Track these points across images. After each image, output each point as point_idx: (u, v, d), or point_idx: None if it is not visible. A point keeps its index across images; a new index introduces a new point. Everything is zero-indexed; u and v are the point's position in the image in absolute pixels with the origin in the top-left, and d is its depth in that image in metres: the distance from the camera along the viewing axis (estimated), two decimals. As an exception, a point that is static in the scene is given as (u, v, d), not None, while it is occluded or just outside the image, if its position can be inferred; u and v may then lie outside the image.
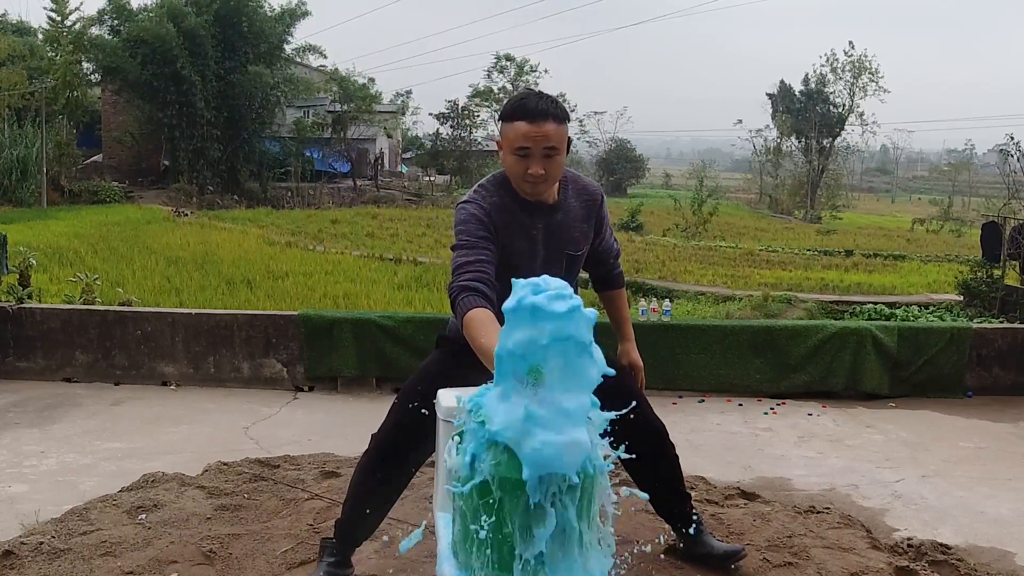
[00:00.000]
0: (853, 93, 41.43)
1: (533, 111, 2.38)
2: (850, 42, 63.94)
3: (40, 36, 32.70)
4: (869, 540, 3.27)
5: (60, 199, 25.17)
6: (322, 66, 36.11)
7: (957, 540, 3.36)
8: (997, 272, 10.44)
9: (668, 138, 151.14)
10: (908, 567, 3.03)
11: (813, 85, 41.73)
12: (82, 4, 67.64)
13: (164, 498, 3.54)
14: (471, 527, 1.56)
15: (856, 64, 41.17)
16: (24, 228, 15.91)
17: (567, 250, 2.63)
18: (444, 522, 1.91)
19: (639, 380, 2.96)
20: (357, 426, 3.94)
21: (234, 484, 3.72)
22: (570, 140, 2.50)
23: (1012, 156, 12.89)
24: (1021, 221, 10.32)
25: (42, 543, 3.03)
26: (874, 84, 41.24)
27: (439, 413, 2.11)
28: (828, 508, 3.60)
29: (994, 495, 3.91)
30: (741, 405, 5.41)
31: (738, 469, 4.19)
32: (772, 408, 5.33)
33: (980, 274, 10.69)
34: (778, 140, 43.79)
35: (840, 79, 41.52)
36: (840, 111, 41.68)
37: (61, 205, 23.99)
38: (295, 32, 31.96)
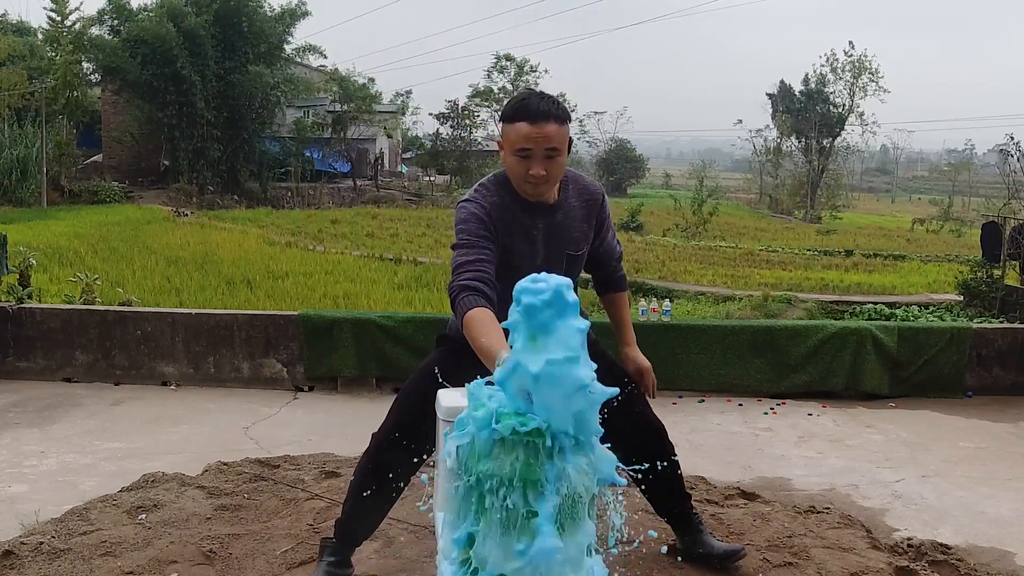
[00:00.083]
0: (853, 93, 41.44)
1: (535, 112, 2.37)
2: (850, 42, 64.12)
3: (40, 36, 32.72)
4: (869, 540, 3.27)
5: (60, 199, 25.17)
6: (322, 66, 36.12)
7: (957, 540, 3.36)
8: (997, 272, 10.44)
9: (668, 138, 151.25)
10: (908, 567, 3.03)
11: (813, 85, 41.70)
12: (82, 4, 67.77)
13: (164, 498, 3.53)
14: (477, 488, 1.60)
15: (856, 64, 41.16)
16: (24, 228, 15.91)
17: (567, 250, 2.63)
18: (444, 522, 1.91)
19: (649, 383, 2.89)
20: (357, 426, 3.94)
21: (234, 484, 3.72)
22: (571, 140, 2.50)
23: (1012, 156, 12.89)
24: (1021, 221, 10.33)
25: (42, 543, 3.03)
26: (874, 84, 41.27)
27: (439, 413, 2.11)
28: (828, 508, 3.60)
29: (994, 495, 3.91)
30: (741, 405, 5.41)
31: (738, 469, 4.19)
32: (772, 408, 5.33)
33: (980, 274, 10.70)
34: (778, 140, 43.79)
35: (840, 79, 41.55)
36: (840, 111, 41.66)
37: (61, 205, 23.99)
38: (295, 32, 32.03)
